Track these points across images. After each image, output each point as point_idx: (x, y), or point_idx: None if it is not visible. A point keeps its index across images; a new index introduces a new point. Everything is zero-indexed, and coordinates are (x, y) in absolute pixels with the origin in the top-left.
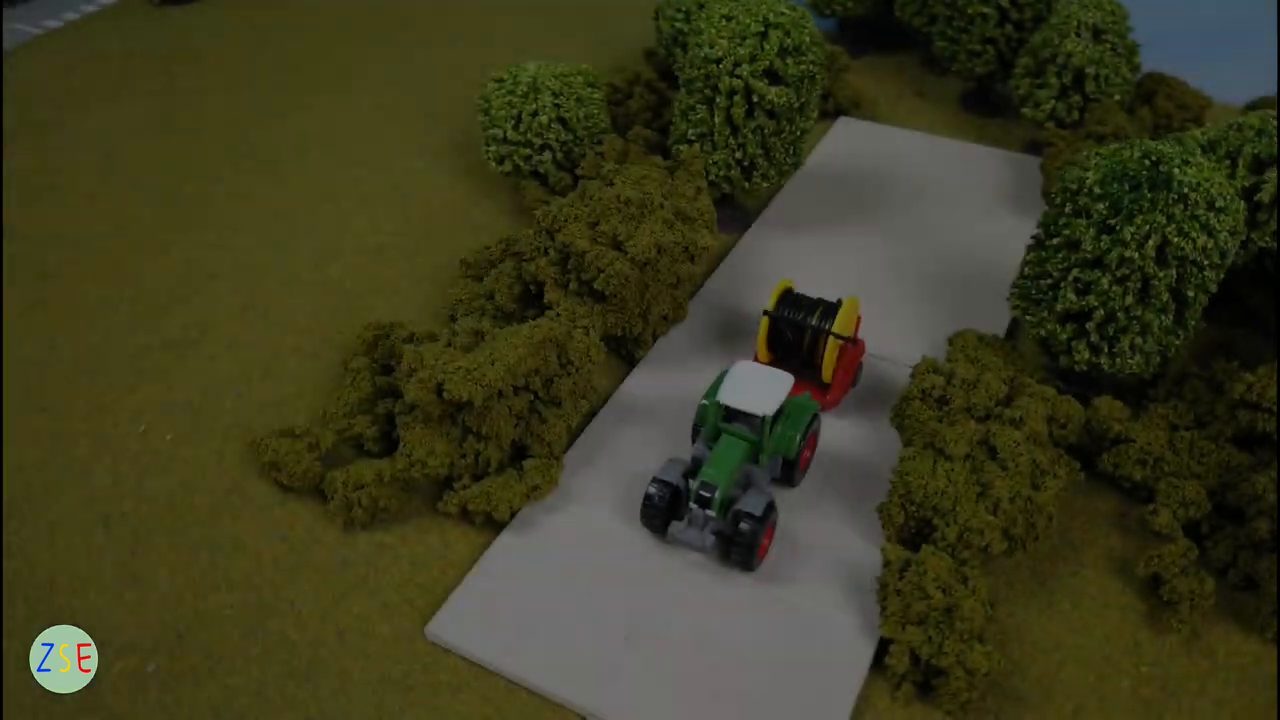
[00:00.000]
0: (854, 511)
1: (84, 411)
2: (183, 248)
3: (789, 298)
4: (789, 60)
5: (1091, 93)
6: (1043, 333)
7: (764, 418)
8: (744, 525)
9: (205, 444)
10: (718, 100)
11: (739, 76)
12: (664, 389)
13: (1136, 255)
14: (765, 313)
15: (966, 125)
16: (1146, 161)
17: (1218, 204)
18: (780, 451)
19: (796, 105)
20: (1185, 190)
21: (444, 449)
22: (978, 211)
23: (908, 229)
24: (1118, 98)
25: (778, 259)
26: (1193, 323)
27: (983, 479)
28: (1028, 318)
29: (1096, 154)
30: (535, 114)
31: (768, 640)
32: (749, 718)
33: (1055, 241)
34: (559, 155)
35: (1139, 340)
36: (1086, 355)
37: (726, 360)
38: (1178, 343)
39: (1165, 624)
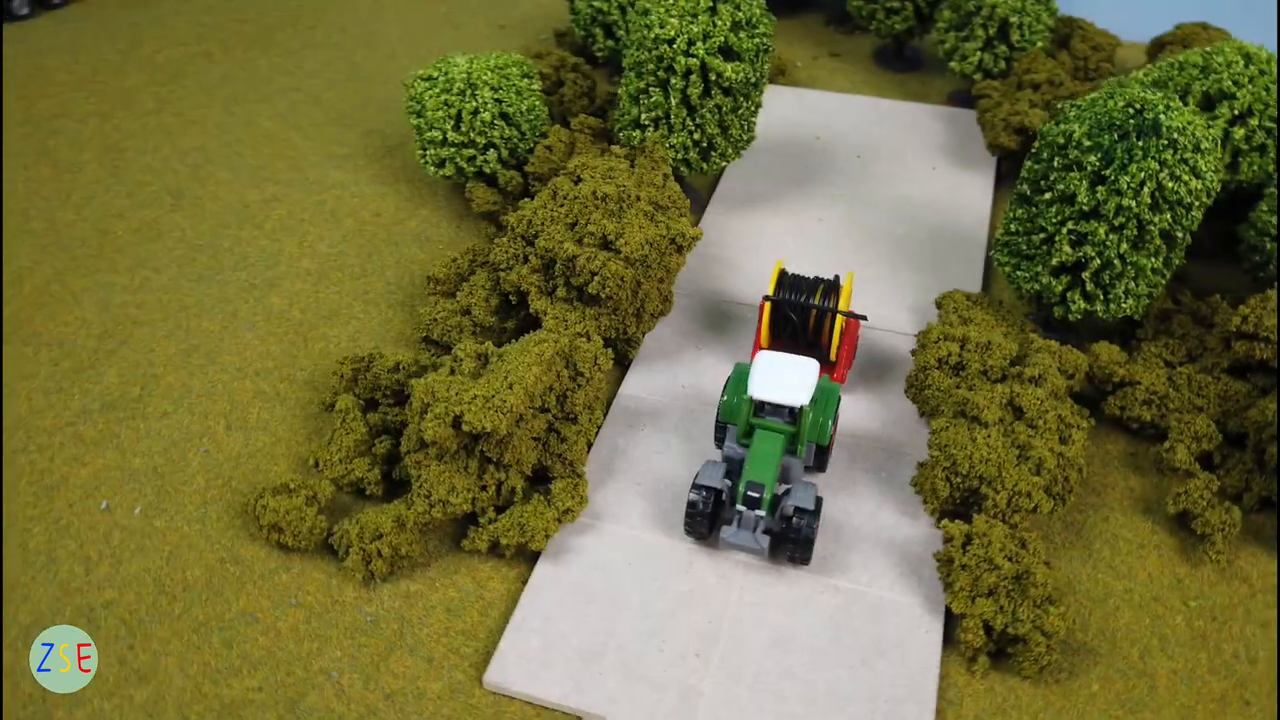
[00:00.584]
0: (886, 486)
1: (29, 495)
2: (95, 294)
3: (786, 280)
4: (742, 34)
5: (1017, 42)
6: (1037, 287)
7: (802, 409)
8: (800, 521)
9: (181, 512)
10: (673, 82)
11: (694, 55)
12: (664, 386)
13: (1133, 203)
14: (766, 298)
15: (886, 82)
16: (1131, 110)
17: (1202, 146)
18: (814, 439)
19: (752, 80)
20: (1174, 135)
21: (464, 484)
22: (925, 168)
23: (862, 193)
24: (1040, 45)
25: (742, 238)
26: (1177, 261)
27: (1018, 441)
28: (1019, 273)
29: (1075, 106)
30: (476, 112)
31: (837, 632)
32: (843, 716)
33: (1047, 196)
34: (504, 153)
35: (1132, 285)
36: (1082, 305)
37: (719, 348)
38: (1164, 282)
39: (1198, 557)
